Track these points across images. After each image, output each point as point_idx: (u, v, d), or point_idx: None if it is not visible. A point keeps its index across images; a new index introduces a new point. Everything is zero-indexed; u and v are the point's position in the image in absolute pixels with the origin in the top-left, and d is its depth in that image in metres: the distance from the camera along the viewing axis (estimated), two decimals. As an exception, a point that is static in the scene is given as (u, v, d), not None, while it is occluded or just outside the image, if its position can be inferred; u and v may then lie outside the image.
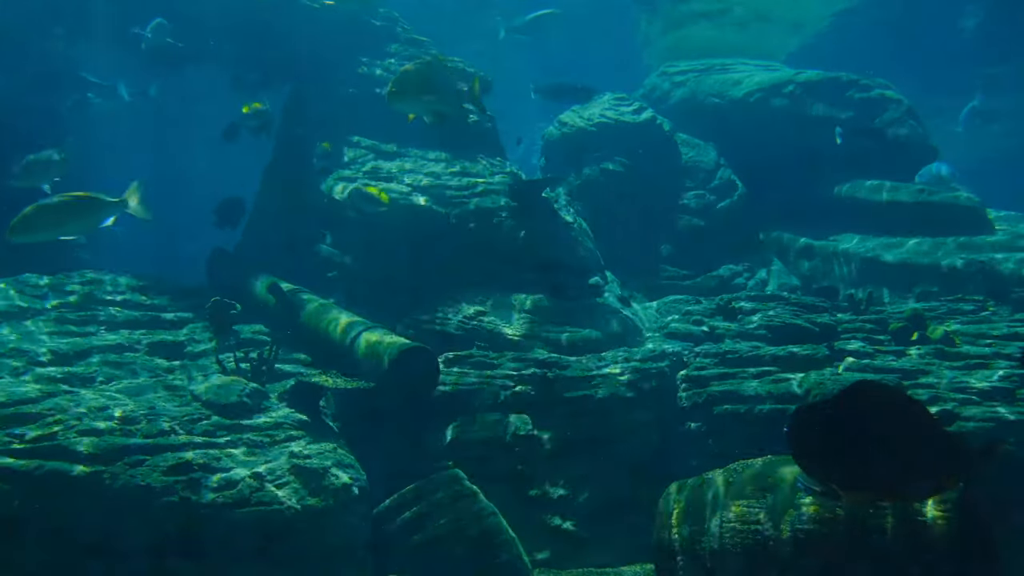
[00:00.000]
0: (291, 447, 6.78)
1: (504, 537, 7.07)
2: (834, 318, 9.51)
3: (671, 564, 5.85)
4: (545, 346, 9.17)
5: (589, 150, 12.85)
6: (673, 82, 15.22)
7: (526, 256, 10.19)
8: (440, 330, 9.29)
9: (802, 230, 12.86)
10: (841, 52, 17.95)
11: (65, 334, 8.30)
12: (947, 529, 5.02)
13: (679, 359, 8.76)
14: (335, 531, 6.40)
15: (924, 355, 8.27)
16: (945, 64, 18.40)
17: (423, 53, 12.11)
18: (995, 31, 17.48)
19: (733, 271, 12.25)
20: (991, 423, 6.95)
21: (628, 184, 12.55)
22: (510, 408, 8.13)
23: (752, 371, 8.21)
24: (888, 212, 12.24)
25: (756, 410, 7.74)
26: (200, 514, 5.95)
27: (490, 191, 10.60)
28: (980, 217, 11.89)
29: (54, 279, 9.18)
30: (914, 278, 11.14)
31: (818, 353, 8.42)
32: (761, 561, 5.39)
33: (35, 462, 5.86)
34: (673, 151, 12.98)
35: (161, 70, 13.52)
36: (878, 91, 13.70)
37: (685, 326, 9.79)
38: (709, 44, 18.51)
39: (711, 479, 5.93)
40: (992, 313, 9.61)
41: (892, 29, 17.61)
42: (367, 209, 9.83)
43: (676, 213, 12.67)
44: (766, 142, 13.15)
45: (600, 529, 7.83)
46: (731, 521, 5.56)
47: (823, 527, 5.23)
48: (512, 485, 7.79)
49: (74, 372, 7.62)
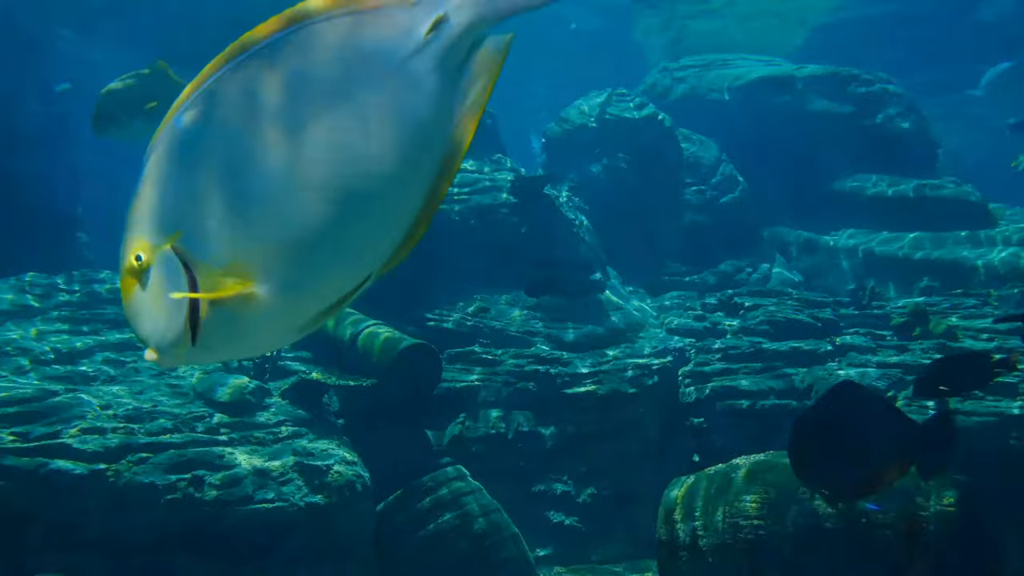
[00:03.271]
0: (294, 444, 6.79)
1: (508, 533, 7.08)
2: (836, 313, 9.52)
3: (674, 560, 5.87)
4: (547, 342, 9.18)
5: (591, 146, 12.84)
6: (674, 78, 15.19)
7: (528, 252, 10.20)
8: (442, 327, 9.30)
9: (804, 225, 12.84)
10: (844, 45, 17.90)
11: (68, 333, 8.32)
12: (950, 524, 5.03)
13: (681, 355, 8.77)
14: (339, 528, 6.42)
15: (927, 350, 8.27)
16: (957, 40, 18.22)
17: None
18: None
19: (735, 266, 12.23)
20: (994, 417, 6.95)
21: (630, 180, 12.54)
22: (512, 404, 8.15)
23: (754, 367, 8.22)
24: (890, 206, 12.22)
25: (758, 406, 7.75)
26: (204, 512, 5.97)
27: (492, 188, 10.61)
28: (983, 211, 11.88)
29: (58, 278, 9.20)
30: (917, 273, 11.12)
31: (820, 348, 8.43)
32: (763, 557, 5.40)
33: (38, 460, 5.88)
34: (674, 147, 12.96)
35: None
36: (879, 86, 13.66)
37: (687, 322, 9.80)
38: (710, 40, 18.48)
39: (714, 475, 5.94)
40: (995, 308, 9.60)
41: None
42: None
43: (678, 209, 12.65)
44: (768, 137, 13.13)
45: (603, 525, 7.84)
46: (734, 517, 5.56)
47: (825, 522, 5.24)
48: (515, 481, 7.81)
49: (77, 370, 7.64)
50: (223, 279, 1.67)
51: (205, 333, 1.70)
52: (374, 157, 1.64)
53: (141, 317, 1.75)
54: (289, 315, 1.73)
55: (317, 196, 1.64)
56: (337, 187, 1.64)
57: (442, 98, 1.64)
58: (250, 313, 1.68)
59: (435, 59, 1.63)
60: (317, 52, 1.64)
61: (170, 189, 1.69)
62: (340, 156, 1.63)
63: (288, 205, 1.64)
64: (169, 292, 1.68)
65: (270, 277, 1.66)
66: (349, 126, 1.63)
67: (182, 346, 1.71)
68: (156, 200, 1.70)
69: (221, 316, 1.69)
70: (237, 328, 1.71)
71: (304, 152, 1.63)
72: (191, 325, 1.69)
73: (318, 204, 1.64)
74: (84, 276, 9.39)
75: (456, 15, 1.63)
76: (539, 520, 7.78)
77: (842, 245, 12.20)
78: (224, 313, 1.68)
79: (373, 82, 1.64)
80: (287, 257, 1.66)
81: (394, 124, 1.64)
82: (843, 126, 13.06)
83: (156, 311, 1.72)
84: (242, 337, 1.74)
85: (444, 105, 1.65)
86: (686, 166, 13.00)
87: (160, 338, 1.73)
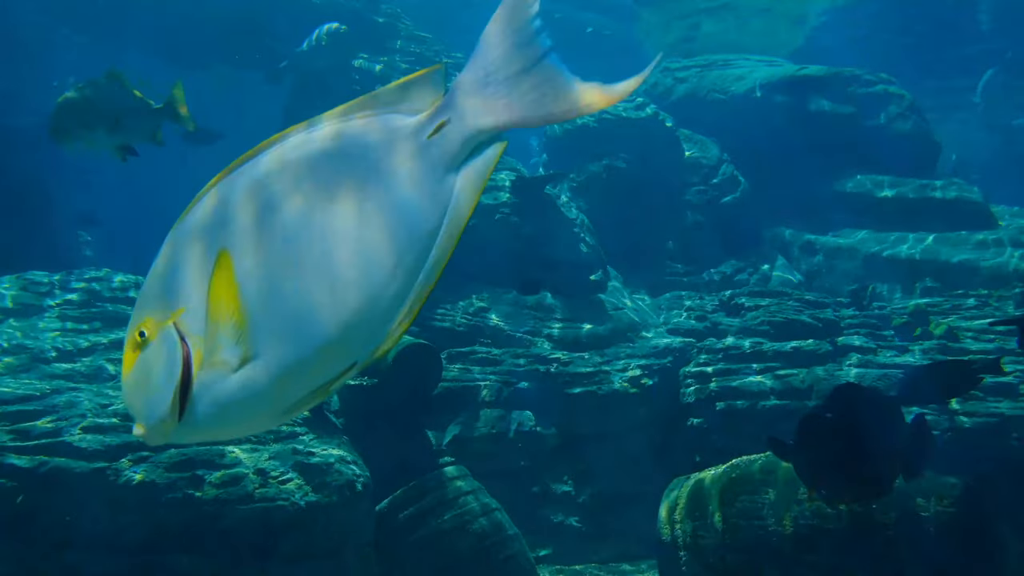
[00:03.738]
0: (294, 443, 6.79)
1: (508, 532, 7.08)
2: (837, 314, 9.52)
3: (674, 559, 5.87)
4: (548, 342, 9.18)
5: (591, 146, 12.84)
6: (675, 78, 15.19)
7: (528, 252, 10.20)
8: (442, 326, 9.30)
9: (805, 225, 12.84)
10: (845, 47, 17.90)
11: (69, 331, 8.33)
12: (950, 524, 5.03)
13: (682, 355, 8.77)
14: (339, 527, 6.41)
15: (927, 351, 8.27)
16: (955, 46, 18.29)
17: (426, 50, 12.09)
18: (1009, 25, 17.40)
19: (736, 267, 12.24)
20: (995, 418, 6.95)
21: (630, 180, 12.54)
22: (513, 404, 8.15)
23: (755, 367, 8.22)
24: (891, 207, 12.22)
25: (759, 406, 7.75)
26: (203, 511, 5.97)
27: (492, 187, 10.61)
28: (984, 212, 11.88)
29: (59, 276, 9.21)
30: (917, 273, 11.13)
31: (821, 349, 8.42)
32: (763, 557, 5.40)
33: (39, 459, 5.88)
34: (675, 147, 12.97)
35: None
36: (881, 86, 13.66)
37: (688, 322, 9.80)
38: (712, 40, 18.48)
39: (714, 475, 5.94)
40: (995, 308, 9.60)
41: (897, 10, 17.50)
42: None
43: (679, 209, 12.65)
44: (769, 138, 13.12)
45: (603, 525, 7.84)
46: (734, 517, 5.56)
47: (826, 523, 5.23)
48: (515, 481, 7.81)
49: (78, 369, 7.64)
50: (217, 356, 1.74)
51: (192, 409, 1.77)
52: (369, 251, 1.74)
53: (135, 391, 1.82)
54: (276, 396, 1.79)
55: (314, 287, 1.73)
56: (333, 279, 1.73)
57: (436, 197, 1.75)
58: (237, 391, 1.75)
59: (433, 161, 1.74)
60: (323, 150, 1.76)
61: (179, 272, 1.79)
62: (336, 250, 1.73)
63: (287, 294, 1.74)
64: (164, 365, 1.76)
65: (261, 357, 1.73)
66: (346, 221, 1.74)
67: (169, 421, 1.77)
68: (165, 281, 1.80)
69: (209, 392, 1.76)
70: (223, 406, 1.77)
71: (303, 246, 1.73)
72: (180, 400, 1.76)
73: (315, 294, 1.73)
74: (85, 274, 9.39)
75: (458, 124, 1.73)
76: (539, 520, 7.78)
77: (843, 246, 12.20)
78: (213, 390, 1.75)
79: (371, 178, 1.75)
80: (279, 339, 1.74)
81: (389, 220, 1.74)
82: (844, 126, 13.06)
83: (149, 384, 1.78)
84: (227, 416, 1.80)
85: (437, 204, 1.75)
86: (687, 166, 13.00)
87: (149, 412, 1.79)
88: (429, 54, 12.28)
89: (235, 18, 11.84)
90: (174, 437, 1.82)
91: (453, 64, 12.17)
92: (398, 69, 11.63)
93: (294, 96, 12.25)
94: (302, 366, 1.76)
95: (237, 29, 12.01)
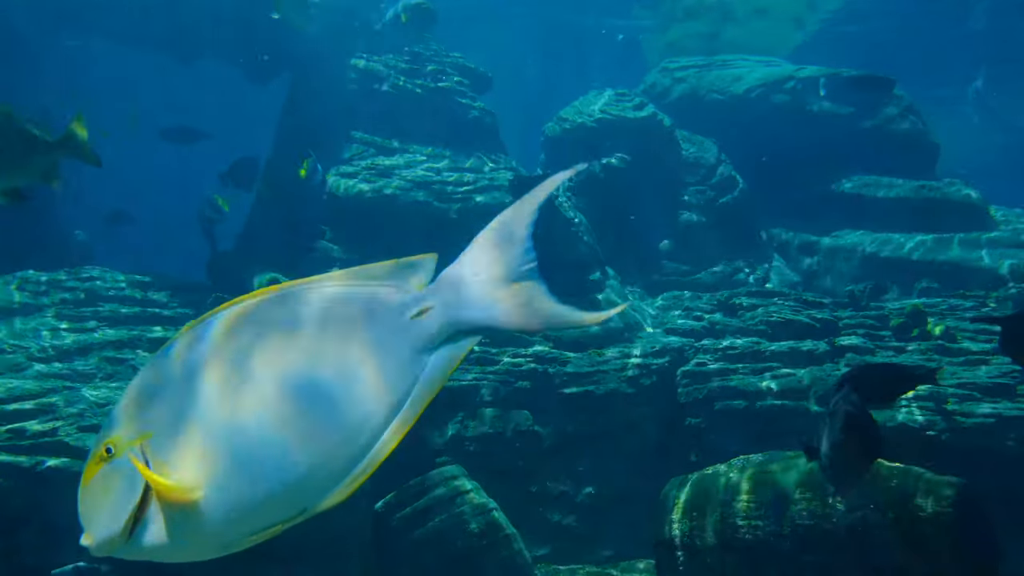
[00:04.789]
0: (292, 443, 6.78)
1: (505, 532, 7.08)
2: (834, 314, 9.51)
3: (672, 559, 5.87)
4: (545, 341, 9.18)
5: (590, 146, 12.82)
6: (674, 78, 15.18)
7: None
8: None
9: (803, 226, 12.84)
10: (844, 47, 17.93)
11: (66, 330, 8.31)
12: (948, 524, 5.03)
13: (679, 355, 8.77)
14: (337, 527, 6.41)
15: (925, 351, 8.28)
16: (950, 53, 18.37)
17: (424, 50, 12.08)
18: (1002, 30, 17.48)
19: (734, 267, 12.24)
20: (992, 419, 6.96)
21: (629, 180, 12.53)
22: (510, 404, 8.15)
23: (753, 367, 8.22)
24: (889, 208, 12.23)
25: (756, 406, 7.75)
26: (201, 510, 5.96)
27: (491, 187, 10.61)
28: (982, 213, 11.88)
29: (55, 275, 9.19)
30: (915, 274, 11.14)
31: (818, 348, 8.43)
32: (761, 557, 5.41)
33: (36, 458, 5.87)
34: (674, 147, 12.96)
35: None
36: (879, 87, 13.66)
37: (685, 322, 9.80)
38: (711, 40, 18.50)
39: (712, 475, 5.95)
40: (993, 309, 9.60)
41: (895, 21, 17.58)
42: None
43: (677, 209, 12.65)
44: (767, 138, 13.13)
45: (601, 524, 7.84)
46: (732, 516, 5.57)
47: (823, 523, 5.24)
48: (512, 480, 7.80)
49: (75, 368, 7.63)
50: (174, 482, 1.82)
51: (140, 533, 1.85)
52: (332, 417, 1.84)
53: (91, 501, 1.91)
54: (220, 533, 1.86)
55: (270, 443, 1.82)
56: (289, 439, 1.81)
57: (408, 372, 1.88)
58: (187, 518, 1.83)
59: (412, 339, 1.87)
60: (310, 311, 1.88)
61: (154, 399, 1.88)
62: (300, 410, 1.82)
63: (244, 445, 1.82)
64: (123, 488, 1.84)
65: (211, 496, 1.82)
66: (319, 384, 1.84)
67: (118, 537, 1.85)
68: (140, 404, 1.89)
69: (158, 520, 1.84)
70: (170, 530, 1.85)
71: (269, 402, 1.82)
72: (132, 519, 1.84)
73: (269, 450, 1.82)
74: (82, 273, 9.37)
75: (440, 312, 1.86)
76: (537, 519, 7.77)
77: (841, 246, 12.21)
78: (164, 513, 1.83)
79: (352, 344, 1.86)
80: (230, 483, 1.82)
81: (360, 388, 1.85)
82: (843, 127, 13.07)
83: (106, 502, 1.88)
84: (171, 544, 1.87)
85: (407, 378, 1.88)
86: (685, 166, 13.00)
87: (100, 528, 1.88)
88: (428, 54, 12.25)
89: (227, 11, 11.76)
90: (119, 553, 1.90)
91: (452, 63, 12.16)
92: (397, 68, 11.62)
93: (293, 90, 12.21)
94: (250, 510, 1.83)
95: (233, 25, 11.94)
